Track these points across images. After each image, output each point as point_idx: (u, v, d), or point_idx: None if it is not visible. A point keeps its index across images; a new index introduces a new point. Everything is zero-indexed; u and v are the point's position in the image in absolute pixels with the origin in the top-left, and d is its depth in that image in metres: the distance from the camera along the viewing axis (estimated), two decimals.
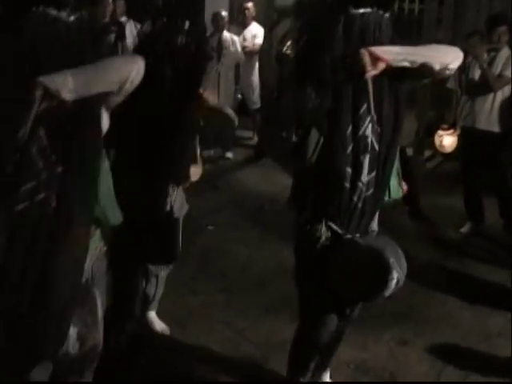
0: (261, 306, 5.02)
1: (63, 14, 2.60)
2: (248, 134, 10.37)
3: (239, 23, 10.52)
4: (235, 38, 9.74)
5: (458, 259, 6.19)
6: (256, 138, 9.97)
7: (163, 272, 4.40)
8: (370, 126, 3.14)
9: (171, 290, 4.68)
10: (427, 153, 9.17)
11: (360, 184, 3.18)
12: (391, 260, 3.11)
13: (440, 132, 7.02)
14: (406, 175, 7.34)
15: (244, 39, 10.09)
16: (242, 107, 10.02)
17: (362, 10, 3.10)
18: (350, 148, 3.13)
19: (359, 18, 3.09)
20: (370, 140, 3.15)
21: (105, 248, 3.02)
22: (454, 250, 6.45)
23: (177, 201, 4.13)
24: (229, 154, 9.68)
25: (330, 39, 3.08)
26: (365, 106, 3.11)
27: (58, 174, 2.59)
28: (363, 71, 2.98)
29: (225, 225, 6.87)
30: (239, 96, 9.76)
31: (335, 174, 3.16)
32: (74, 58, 2.61)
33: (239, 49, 9.72)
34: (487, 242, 6.64)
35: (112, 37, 7.57)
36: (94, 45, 3.51)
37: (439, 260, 6.18)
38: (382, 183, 3.28)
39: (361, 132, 3.13)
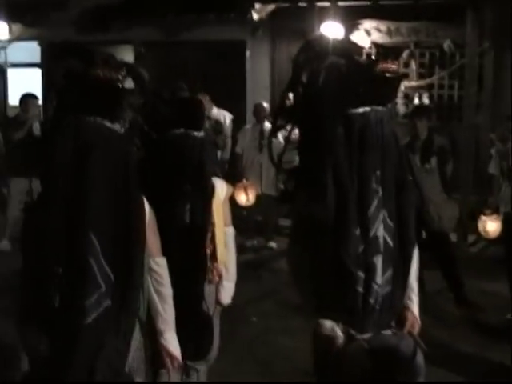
0: None
1: (116, 126, 2.79)
2: (290, 223, 10.33)
3: None
4: None
5: (505, 347, 6.06)
6: None
7: (203, 366, 4.34)
8: (382, 225, 3.03)
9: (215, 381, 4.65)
10: (471, 238, 9.11)
11: (375, 286, 3.03)
12: (401, 362, 3.03)
13: (483, 217, 7.00)
14: (449, 261, 7.33)
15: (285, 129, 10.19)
16: (284, 196, 10.07)
17: (361, 110, 3.07)
18: (360, 251, 3.02)
19: (359, 118, 3.07)
20: (382, 240, 3.02)
21: (142, 339, 3.10)
22: (500, 337, 6.29)
23: (210, 296, 4.15)
24: (271, 244, 9.72)
25: (332, 141, 3.08)
26: (374, 204, 3.02)
27: (112, 282, 2.76)
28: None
29: (268, 314, 6.86)
30: (281, 186, 9.82)
31: (347, 278, 3.03)
32: (122, 163, 2.85)
33: (281, 139, 9.81)
34: None
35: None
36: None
37: (486, 349, 6.04)
38: (400, 280, 3.12)
39: (372, 233, 3.02)
